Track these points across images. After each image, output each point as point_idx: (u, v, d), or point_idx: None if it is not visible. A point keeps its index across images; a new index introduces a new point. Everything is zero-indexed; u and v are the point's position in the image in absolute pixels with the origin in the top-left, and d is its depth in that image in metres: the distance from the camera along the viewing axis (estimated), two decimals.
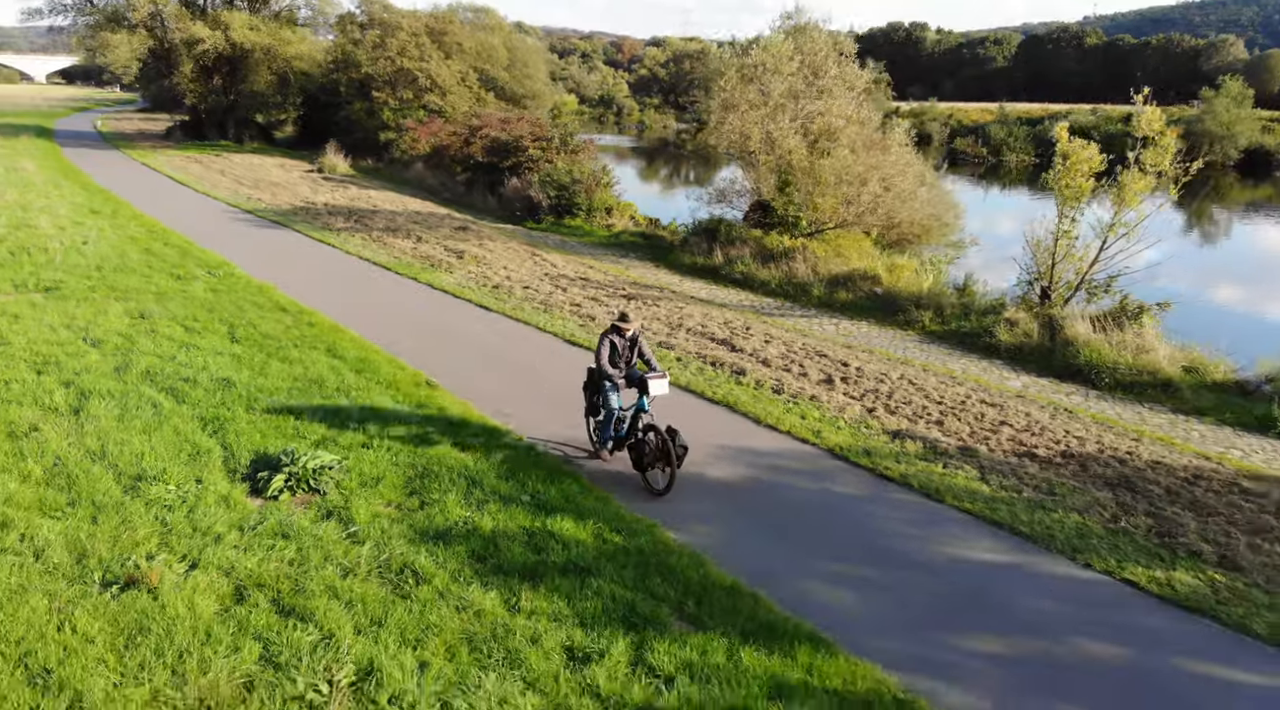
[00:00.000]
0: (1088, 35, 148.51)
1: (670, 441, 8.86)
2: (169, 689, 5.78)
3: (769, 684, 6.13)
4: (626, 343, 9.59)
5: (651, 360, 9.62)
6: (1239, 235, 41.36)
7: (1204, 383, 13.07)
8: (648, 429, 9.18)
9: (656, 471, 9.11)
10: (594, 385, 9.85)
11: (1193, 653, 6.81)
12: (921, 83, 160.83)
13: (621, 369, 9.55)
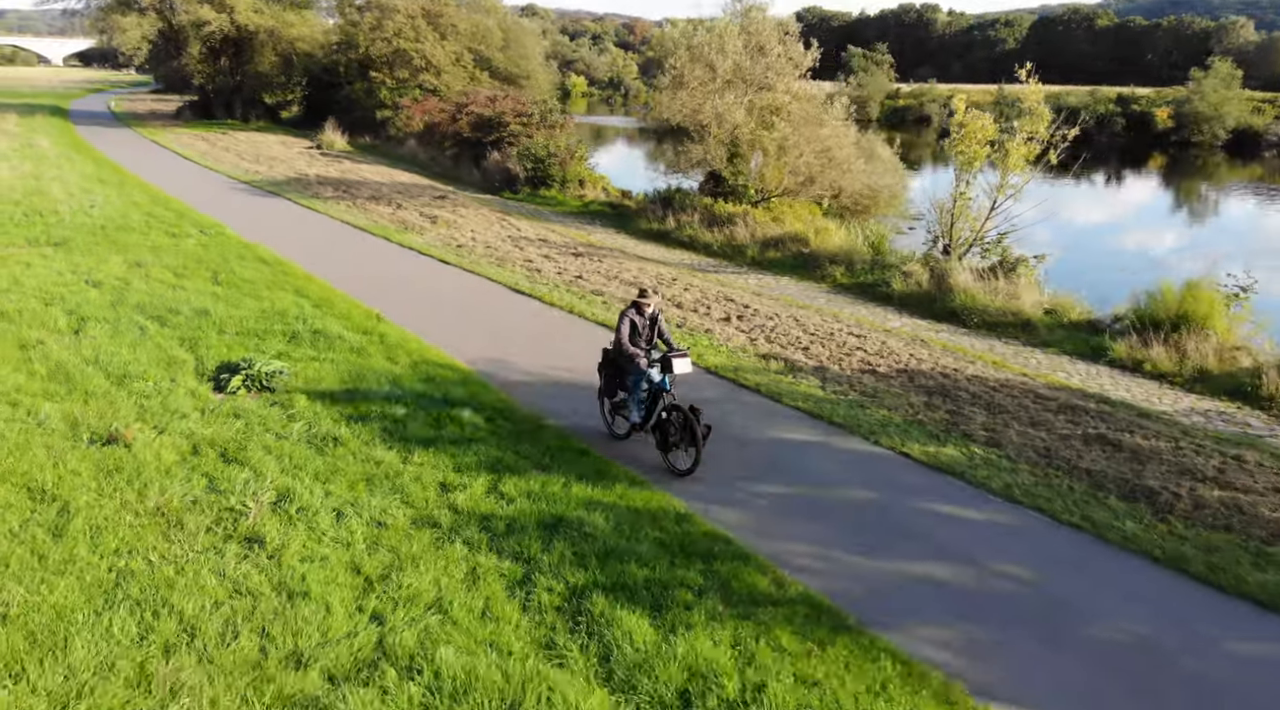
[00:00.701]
0: (1099, 17, 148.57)
1: (695, 420, 8.70)
2: (135, 501, 7.90)
3: (586, 502, 8.21)
4: (646, 321, 9.34)
5: (670, 339, 9.47)
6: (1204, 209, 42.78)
7: (1060, 322, 15.00)
8: (670, 409, 9.01)
9: (680, 452, 9.00)
10: (610, 365, 9.62)
11: (931, 499, 8.82)
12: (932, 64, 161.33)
13: (644, 349, 9.30)
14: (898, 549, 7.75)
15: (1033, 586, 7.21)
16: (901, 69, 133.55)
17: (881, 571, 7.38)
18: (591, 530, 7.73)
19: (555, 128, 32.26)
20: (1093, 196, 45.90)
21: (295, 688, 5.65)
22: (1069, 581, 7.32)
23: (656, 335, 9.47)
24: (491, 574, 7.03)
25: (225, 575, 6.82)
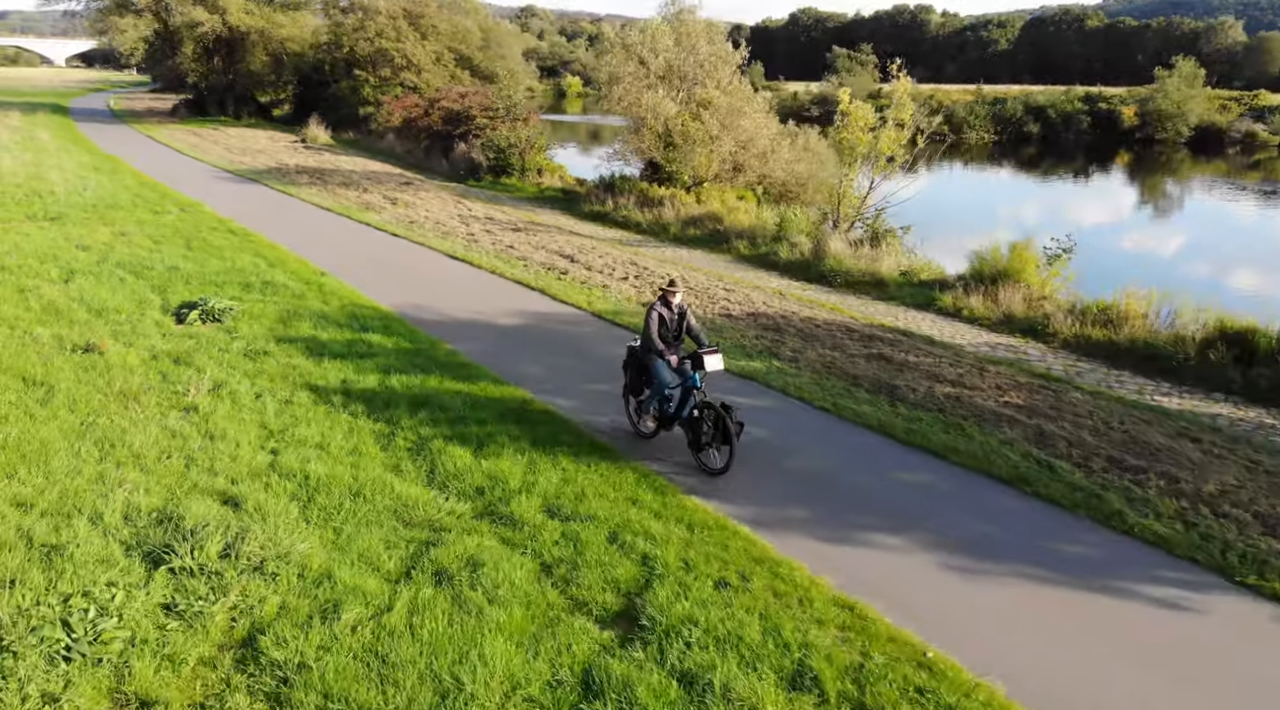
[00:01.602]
0: (1089, 18, 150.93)
1: (727, 418, 8.53)
2: (104, 386, 10.51)
3: (453, 392, 10.82)
4: (675, 315, 9.13)
5: (700, 335, 9.25)
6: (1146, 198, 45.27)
7: (912, 281, 17.58)
8: (702, 407, 8.80)
9: (712, 451, 8.84)
10: (636, 362, 9.48)
11: (727, 393, 11.39)
12: (925, 65, 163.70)
13: (672, 344, 9.10)
14: None
15: (772, 443, 9.77)
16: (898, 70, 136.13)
17: (661, 435, 9.95)
18: (449, 406, 10.35)
19: (520, 121, 34.86)
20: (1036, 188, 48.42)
21: (208, 485, 8.25)
22: (802, 439, 9.89)
23: (685, 330, 9.20)
24: (365, 429, 9.65)
25: (166, 427, 9.44)
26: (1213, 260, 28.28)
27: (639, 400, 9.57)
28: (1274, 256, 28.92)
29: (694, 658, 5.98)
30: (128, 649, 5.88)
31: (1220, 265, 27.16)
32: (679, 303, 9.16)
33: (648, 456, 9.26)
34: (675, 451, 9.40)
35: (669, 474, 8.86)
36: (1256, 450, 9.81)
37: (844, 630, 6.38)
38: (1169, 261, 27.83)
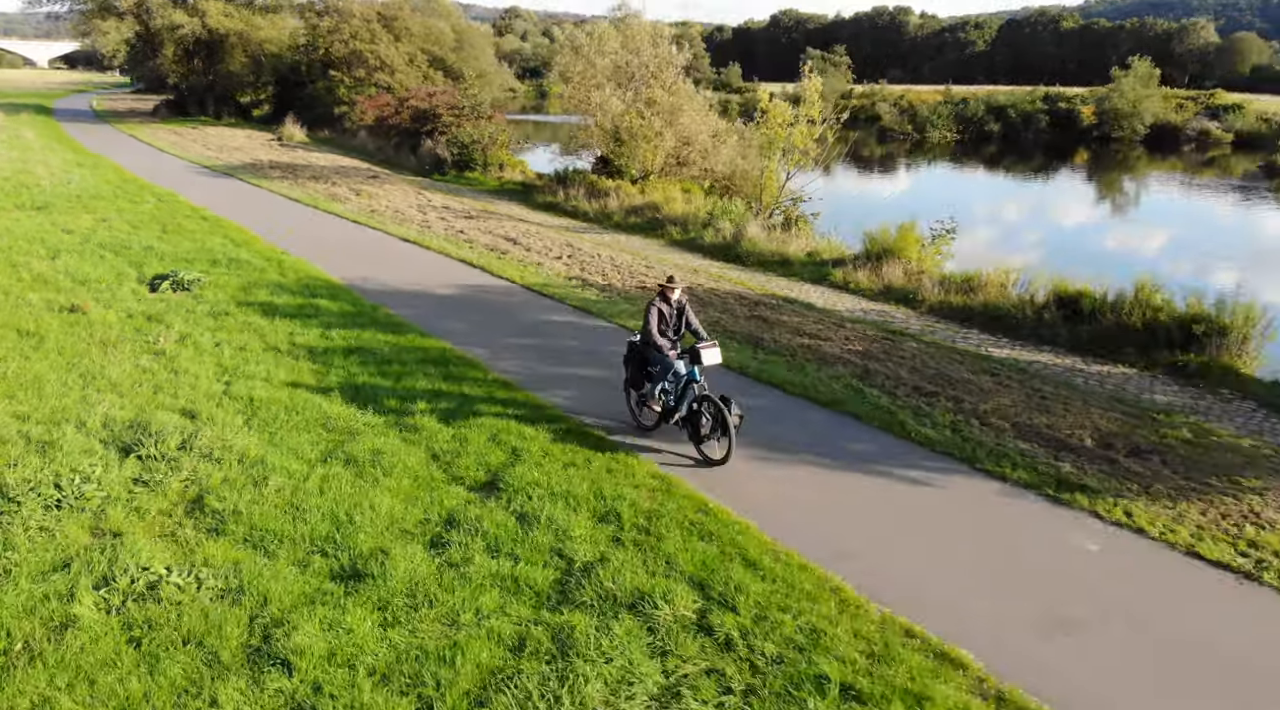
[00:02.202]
0: (1064, 19, 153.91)
1: (726, 410, 8.75)
2: (86, 337, 12.52)
3: (383, 342, 12.88)
4: (674, 310, 9.40)
5: (699, 330, 9.46)
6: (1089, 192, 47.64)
7: (815, 260, 19.72)
8: (701, 400, 9.04)
9: (713, 442, 9.08)
10: (636, 357, 9.74)
11: (619, 345, 13.49)
12: (903, 66, 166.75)
13: (671, 339, 9.38)
14: (576, 364, 12.42)
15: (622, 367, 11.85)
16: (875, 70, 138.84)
17: (556, 373, 12.01)
18: (379, 352, 12.42)
19: (484, 119, 36.95)
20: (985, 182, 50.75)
21: (171, 404, 10.28)
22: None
23: (684, 325, 9.50)
24: (304, 368, 11.71)
25: (139, 365, 11.48)
26: (1119, 240, 30.58)
27: (640, 394, 9.77)
28: (1172, 239, 31.19)
29: (532, 505, 8.07)
30: (104, 503, 7.93)
31: (1124, 245, 29.45)
32: (678, 298, 9.38)
33: (539, 389, 11.34)
34: (561, 386, 11.50)
35: (556, 403, 10.93)
36: (1043, 383, 11.99)
37: (652, 492, 8.48)
38: (1078, 242, 30.04)
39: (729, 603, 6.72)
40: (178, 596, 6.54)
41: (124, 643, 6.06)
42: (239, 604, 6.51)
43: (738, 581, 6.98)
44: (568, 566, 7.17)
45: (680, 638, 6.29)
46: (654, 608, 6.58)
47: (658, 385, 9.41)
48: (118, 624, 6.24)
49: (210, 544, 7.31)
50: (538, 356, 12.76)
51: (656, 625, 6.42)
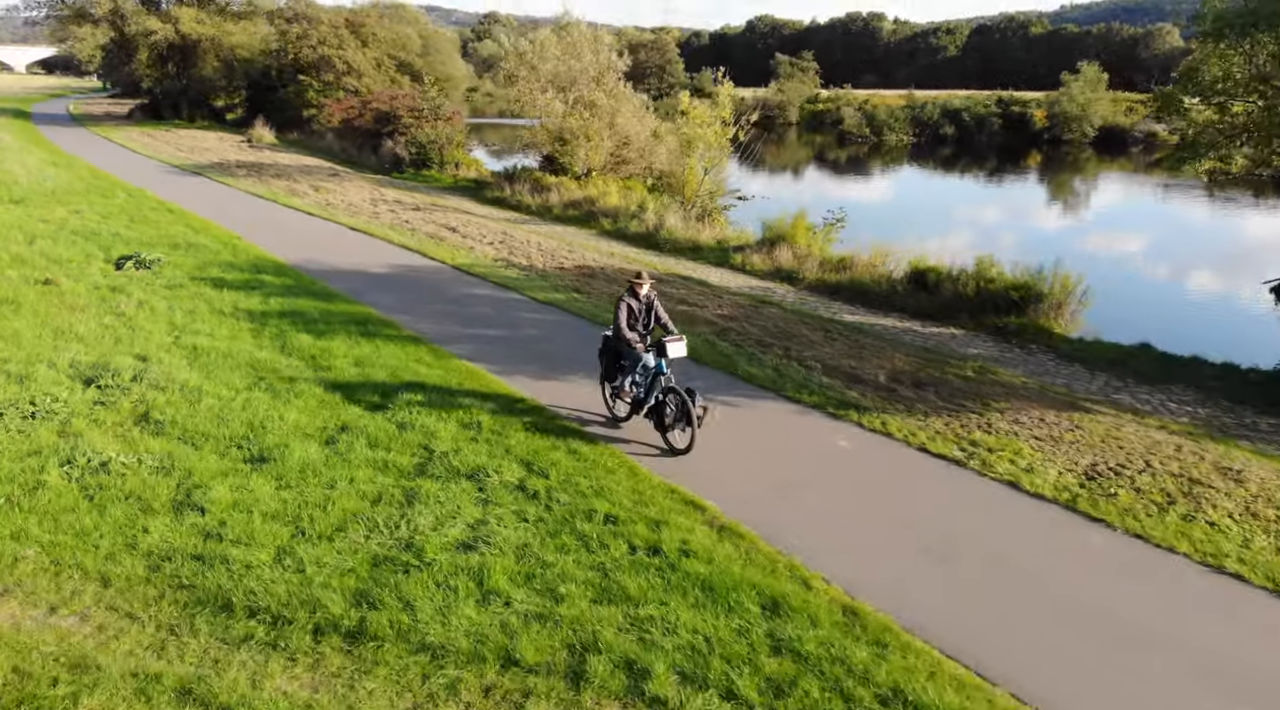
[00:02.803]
0: (1033, 25, 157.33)
1: (690, 402, 9.20)
2: (58, 303, 14.66)
3: (315, 307, 15.06)
4: (642, 305, 9.77)
5: (668, 324, 9.91)
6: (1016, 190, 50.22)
7: (723, 246, 22.02)
8: (667, 391, 9.46)
9: (677, 431, 9.51)
10: (609, 351, 10.11)
11: (524, 311, 15.73)
12: (877, 71, 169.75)
13: (640, 333, 9.77)
14: (482, 327, 14.64)
15: (538, 337, 14.04)
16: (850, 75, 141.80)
17: (463, 332, 14.17)
18: (310, 316, 14.60)
19: (443, 121, 39.14)
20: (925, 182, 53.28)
21: (128, 351, 12.42)
22: (559, 334, 14.15)
23: (654, 320, 9.90)
24: (243, 328, 13.89)
25: (102, 324, 13.62)
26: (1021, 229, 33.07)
27: (614, 386, 10.19)
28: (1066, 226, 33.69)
29: (410, 416, 10.29)
30: (69, 415, 10.08)
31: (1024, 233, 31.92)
32: (646, 294, 9.79)
33: (445, 343, 13.55)
34: (465, 342, 13.73)
35: (456, 352, 13.14)
36: (868, 337, 14.32)
37: (537, 427, 10.72)
38: (983, 230, 32.49)
39: (544, 473, 8.97)
40: (123, 470, 8.73)
41: (81, 497, 8.24)
42: (170, 475, 8.71)
43: (556, 460, 9.24)
44: (429, 455, 9.39)
45: (500, 493, 8.53)
46: (486, 477, 8.82)
47: (628, 377, 9.85)
48: (77, 487, 8.42)
49: (151, 440, 9.50)
50: (450, 320, 14.98)
51: (485, 487, 8.66)
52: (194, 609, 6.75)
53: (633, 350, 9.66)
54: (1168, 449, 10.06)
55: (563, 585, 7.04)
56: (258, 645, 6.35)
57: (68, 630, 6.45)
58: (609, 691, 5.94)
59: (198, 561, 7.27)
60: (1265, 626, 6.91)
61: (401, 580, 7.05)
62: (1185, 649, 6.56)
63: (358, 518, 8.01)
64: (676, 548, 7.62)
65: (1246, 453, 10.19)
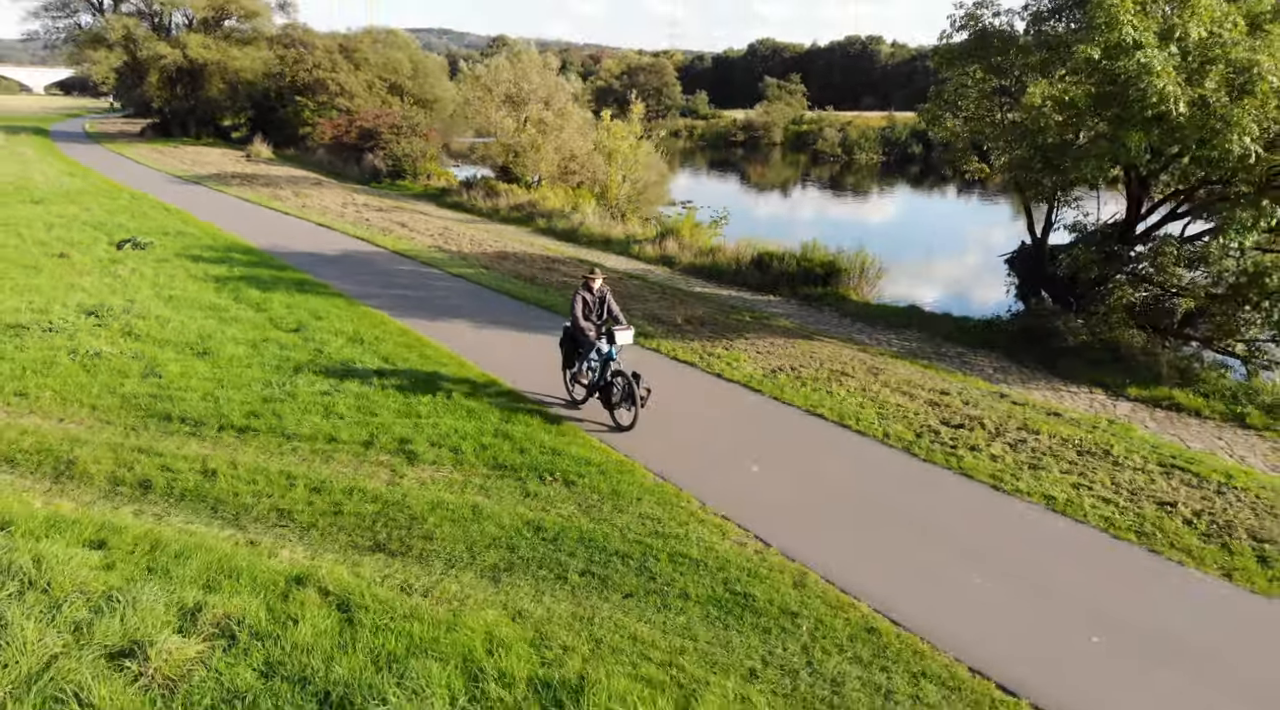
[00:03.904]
0: None
1: (634, 384, 10.38)
2: (70, 270, 19.23)
3: (270, 276, 19.58)
4: (595, 298, 10.91)
5: (619, 315, 11.02)
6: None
7: (632, 239, 26.43)
8: (615, 375, 10.71)
9: (623, 410, 10.77)
10: (569, 341, 11.39)
11: (439, 281, 20.18)
12: (875, 93, 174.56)
13: (594, 323, 10.87)
14: (397, 289, 19.06)
15: (448, 300, 18.46)
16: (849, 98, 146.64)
17: (380, 291, 18.55)
18: (263, 280, 19.07)
19: (420, 137, 43.87)
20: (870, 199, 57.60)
21: (120, 297, 16.91)
22: (465, 300, 18.59)
23: (606, 311, 11.10)
24: (209, 286, 18.37)
25: (102, 283, 18.14)
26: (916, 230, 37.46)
27: (572, 372, 11.60)
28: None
29: (313, 334, 14.71)
30: (75, 331, 14.54)
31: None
32: (599, 288, 11.09)
33: (363, 298, 17.99)
34: (378, 297, 18.18)
35: (369, 302, 17.58)
36: (691, 298, 18.66)
37: (400, 336, 15.13)
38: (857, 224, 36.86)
39: (394, 362, 13.38)
40: (110, 357, 13.19)
41: (80, 370, 12.68)
42: (140, 360, 13.15)
43: (408, 356, 13.65)
44: (319, 353, 13.80)
45: (359, 374, 12.94)
46: (354, 364, 13.22)
47: (584, 363, 11.19)
48: (79, 365, 12.87)
49: (131, 343, 13.96)
50: (373, 284, 19.44)
51: (351, 368, 13.06)
52: (147, 419, 11.15)
53: (587, 338, 10.85)
54: (845, 358, 14.36)
55: (379, 410, 11.42)
56: (184, 435, 10.74)
57: (70, 429, 10.88)
58: (387, 449, 10.31)
59: (152, 398, 11.69)
60: (832, 444, 11.16)
61: (278, 406, 11.45)
62: (787, 455, 10.83)
63: (260, 381, 12.43)
64: (463, 394, 11.99)
65: (904, 363, 14.47)
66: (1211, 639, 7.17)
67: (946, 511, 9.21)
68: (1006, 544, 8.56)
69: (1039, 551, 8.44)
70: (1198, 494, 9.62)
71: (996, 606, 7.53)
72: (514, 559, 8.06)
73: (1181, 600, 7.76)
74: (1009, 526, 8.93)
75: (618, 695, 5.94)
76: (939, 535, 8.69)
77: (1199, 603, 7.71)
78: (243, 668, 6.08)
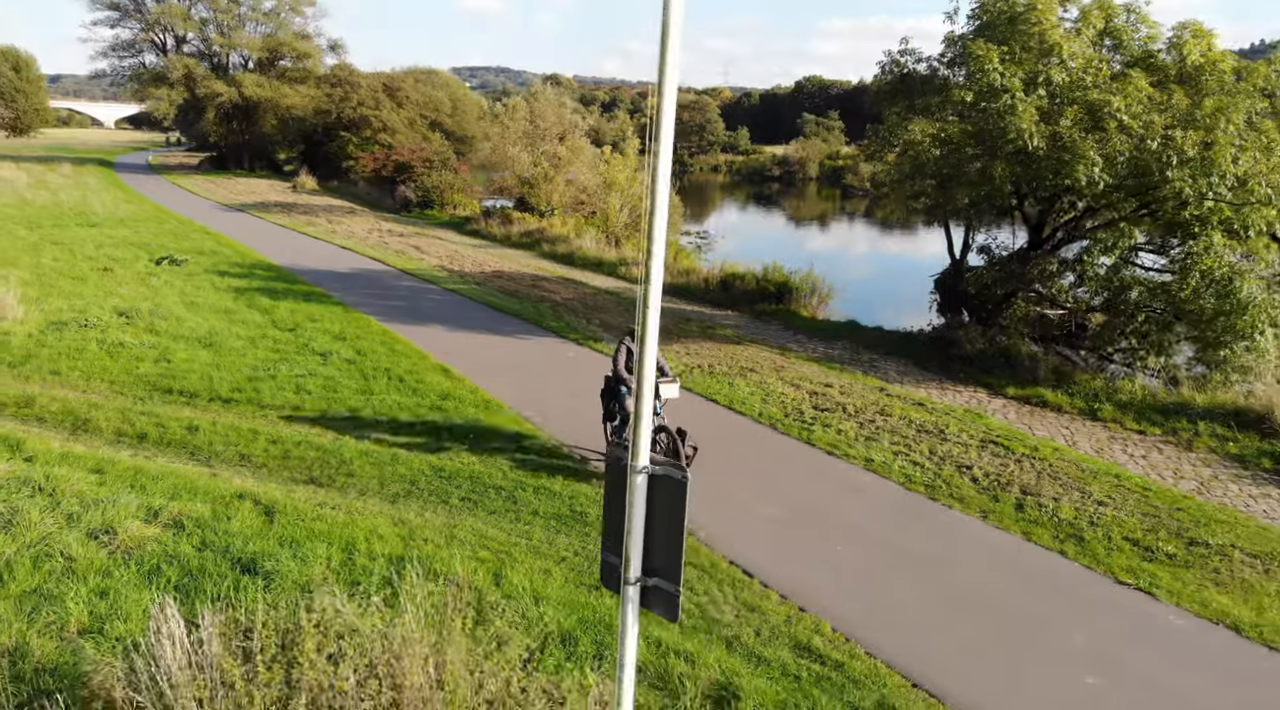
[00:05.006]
0: None
1: (679, 442, 9.74)
2: (112, 281, 22.21)
3: (284, 288, 22.38)
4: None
5: (664, 366, 10.40)
6: None
7: (621, 262, 28.87)
8: (659, 430, 10.01)
9: None
10: (610, 391, 10.78)
11: (434, 295, 22.79)
12: None
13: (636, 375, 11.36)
14: (393, 300, 21.69)
15: (439, 311, 21.06)
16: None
17: (378, 302, 21.14)
18: (275, 290, 21.83)
19: (450, 170, 47.02)
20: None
21: (150, 303, 19.74)
22: (457, 310, 21.16)
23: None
24: (228, 296, 21.15)
25: (138, 291, 21.03)
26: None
27: (613, 426, 10.83)
28: None
29: (306, 333, 17.30)
30: (106, 327, 17.29)
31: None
32: None
33: (359, 306, 20.58)
34: (373, 307, 20.81)
35: (363, 310, 20.18)
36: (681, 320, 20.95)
37: (381, 336, 17.68)
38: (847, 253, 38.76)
39: (368, 357, 15.87)
40: (131, 346, 15.88)
41: (105, 356, 15.37)
42: (155, 349, 15.83)
43: (377, 351, 16.15)
44: (305, 346, 16.36)
45: (336, 361, 15.42)
46: (330, 354, 15.74)
47: (627, 417, 10.41)
48: (105, 352, 15.56)
49: (151, 337, 16.68)
50: (372, 296, 22.08)
51: (328, 359, 15.58)
52: (153, 393, 13.76)
53: (629, 390, 10.24)
54: (760, 359, 16.52)
55: (340, 389, 13.90)
56: (179, 404, 13.31)
57: (90, 398, 13.52)
58: (339, 416, 12.75)
59: (160, 377, 14.32)
60: (710, 418, 13.30)
61: (260, 384, 13.98)
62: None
63: (251, 366, 15.01)
64: (414, 378, 14.43)
65: (812, 364, 16.58)
66: (953, 556, 9.20)
67: (780, 466, 11.33)
68: (818, 489, 10.65)
69: (841, 496, 10.52)
70: (998, 462, 11.61)
71: (783, 531, 9.63)
72: (413, 489, 10.39)
73: (938, 531, 9.79)
74: (826, 479, 11.02)
75: (451, 564, 8.19)
76: (764, 479, 10.83)
77: (952, 535, 9.74)
78: (184, 543, 8.44)
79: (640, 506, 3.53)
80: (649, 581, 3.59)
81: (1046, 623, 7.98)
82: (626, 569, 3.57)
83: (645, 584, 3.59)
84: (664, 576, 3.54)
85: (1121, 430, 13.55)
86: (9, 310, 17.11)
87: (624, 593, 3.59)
